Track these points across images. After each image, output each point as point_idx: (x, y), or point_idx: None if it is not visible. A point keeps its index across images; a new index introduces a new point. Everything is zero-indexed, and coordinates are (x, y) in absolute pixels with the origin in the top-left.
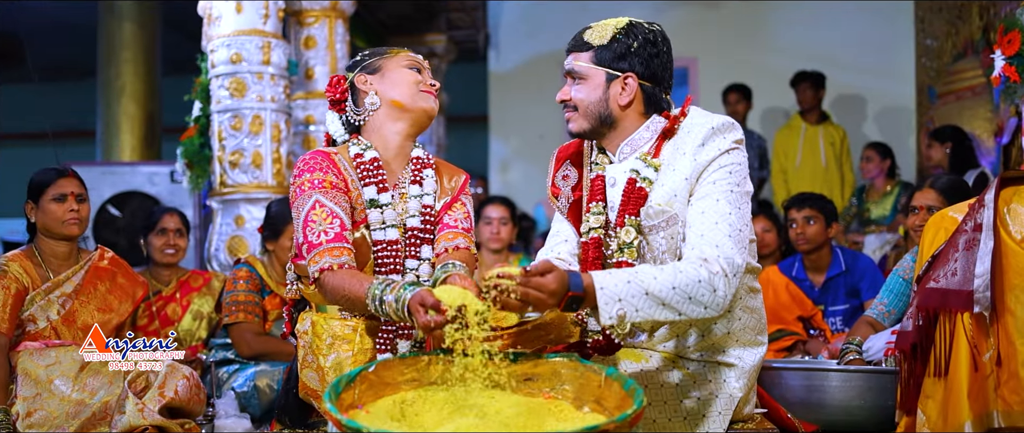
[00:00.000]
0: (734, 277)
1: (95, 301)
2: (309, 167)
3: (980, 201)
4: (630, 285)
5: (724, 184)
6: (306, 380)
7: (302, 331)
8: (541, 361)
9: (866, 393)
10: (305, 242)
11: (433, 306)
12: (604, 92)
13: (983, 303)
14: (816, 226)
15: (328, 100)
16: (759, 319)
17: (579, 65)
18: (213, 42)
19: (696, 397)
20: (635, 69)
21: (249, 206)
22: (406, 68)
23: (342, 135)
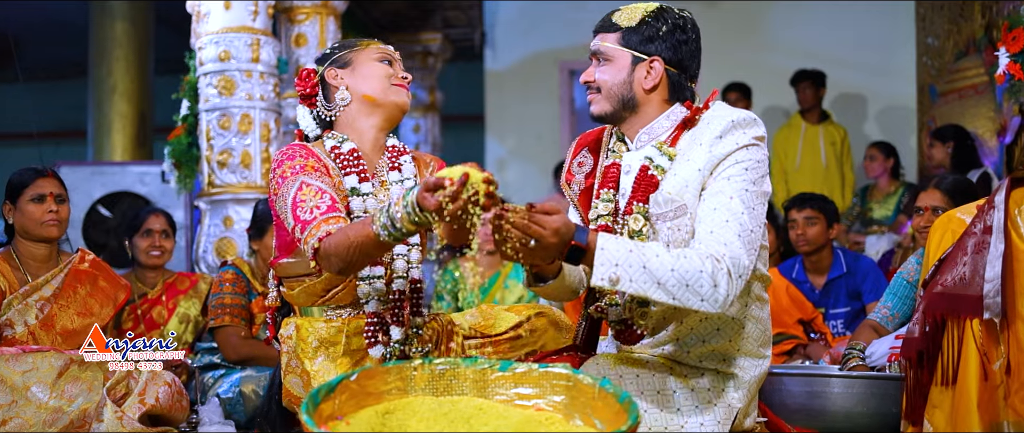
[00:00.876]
0: (739, 278)
1: (75, 305)
2: (288, 156)
3: (990, 202)
4: (631, 254)
5: (739, 181)
6: (290, 386)
7: (286, 336)
8: (532, 370)
9: (869, 400)
10: (297, 223)
11: (436, 184)
12: (629, 75)
13: (993, 309)
14: (817, 227)
15: (298, 94)
16: (764, 331)
17: (605, 46)
18: (201, 39)
19: (694, 406)
20: (662, 53)
21: (238, 207)
22: (377, 61)
23: (314, 130)
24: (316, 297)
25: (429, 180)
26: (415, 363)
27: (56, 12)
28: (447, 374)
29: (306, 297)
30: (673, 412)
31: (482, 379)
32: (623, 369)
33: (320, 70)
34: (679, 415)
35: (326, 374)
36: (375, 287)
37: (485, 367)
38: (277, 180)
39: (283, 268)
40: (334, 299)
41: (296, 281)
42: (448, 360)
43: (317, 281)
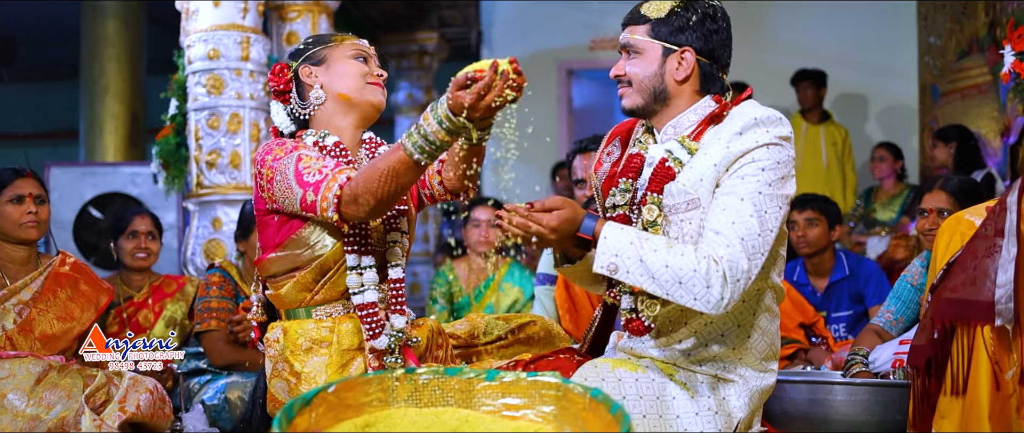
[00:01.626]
0: (735, 282)
1: (55, 309)
2: (274, 145)
3: (1001, 204)
4: (632, 246)
5: (753, 181)
6: (275, 391)
7: (273, 339)
8: (520, 379)
9: (874, 408)
10: (308, 187)
11: (466, 81)
12: (660, 66)
13: (1006, 315)
14: (819, 229)
15: (272, 90)
16: (770, 345)
17: (635, 38)
18: (190, 37)
19: (694, 413)
20: (693, 44)
21: (227, 208)
22: (351, 58)
23: (288, 126)
24: (307, 292)
25: (458, 78)
26: (397, 373)
27: (49, 12)
28: (431, 384)
29: (296, 292)
30: (672, 418)
31: (468, 389)
32: (622, 372)
33: (294, 66)
34: (678, 421)
35: (318, 375)
36: (367, 277)
37: (471, 377)
38: (270, 165)
39: (271, 264)
40: (324, 294)
41: (285, 278)
42: (432, 369)
43: (307, 272)
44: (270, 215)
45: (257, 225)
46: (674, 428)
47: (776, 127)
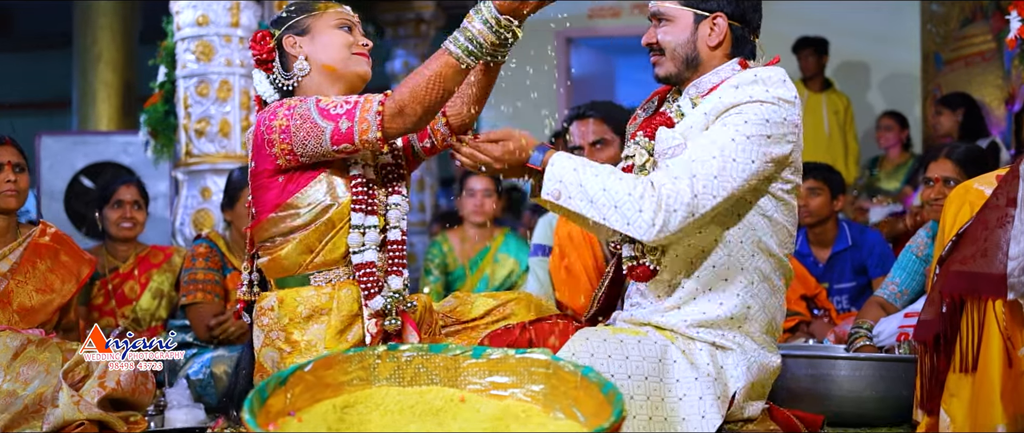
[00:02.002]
0: (671, 211)
1: (34, 281)
2: (281, 103)
3: (1013, 172)
4: (574, 172)
5: (730, 129)
6: (263, 361)
7: (267, 307)
8: (508, 356)
9: (878, 383)
10: (335, 120)
11: None
12: (693, 33)
13: (1018, 289)
14: (821, 198)
15: (253, 58)
16: (770, 320)
17: (666, 6)
18: (178, 3)
19: (693, 378)
20: (724, 8)
21: (216, 177)
22: (336, 28)
23: (272, 96)
24: (308, 254)
25: None
26: (379, 350)
27: None
28: (414, 362)
29: (297, 255)
30: (672, 382)
31: (453, 367)
32: (624, 336)
33: (277, 33)
34: (678, 385)
35: (318, 344)
36: (369, 237)
37: (457, 354)
38: (283, 116)
39: (270, 224)
40: (324, 256)
41: (285, 239)
42: (416, 346)
43: (311, 231)
44: (274, 177)
45: (253, 190)
46: (673, 391)
47: (777, 87)
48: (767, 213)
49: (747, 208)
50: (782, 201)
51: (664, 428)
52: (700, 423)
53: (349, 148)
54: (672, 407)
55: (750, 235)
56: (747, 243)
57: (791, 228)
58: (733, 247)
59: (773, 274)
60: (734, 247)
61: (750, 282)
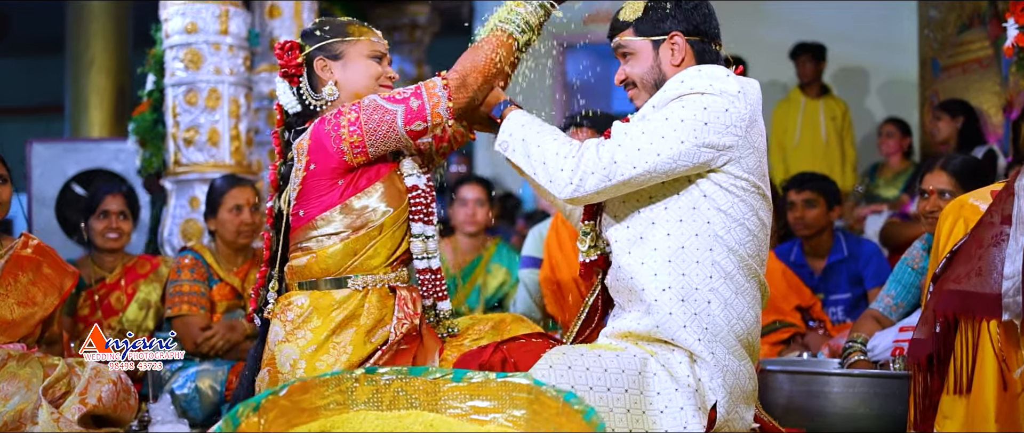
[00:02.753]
0: (588, 173)
1: (15, 294)
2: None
3: (1008, 189)
4: (522, 128)
5: (668, 111)
6: (278, 356)
7: (297, 304)
8: (489, 380)
9: (873, 400)
10: (403, 103)
11: None
12: (655, 59)
13: (1013, 309)
14: (817, 210)
15: (280, 70)
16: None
17: (625, 41)
18: (167, 10)
19: (672, 389)
20: (677, 27)
21: (205, 187)
22: (368, 58)
23: (295, 107)
24: (352, 256)
25: None
26: (356, 374)
27: None
28: (393, 385)
29: (342, 256)
30: (652, 395)
31: (433, 391)
32: (602, 351)
33: (307, 50)
34: (658, 398)
35: (347, 345)
36: (431, 245)
37: (437, 377)
38: (348, 113)
39: (322, 222)
40: (363, 261)
41: (330, 241)
42: (395, 369)
43: (360, 236)
44: (334, 179)
45: (305, 192)
46: (655, 404)
47: (720, 81)
48: (721, 208)
49: (701, 200)
50: (738, 198)
51: None
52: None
53: (421, 126)
54: (653, 420)
55: (706, 228)
56: (704, 236)
57: (753, 229)
58: (688, 239)
59: (737, 273)
60: (689, 239)
61: (708, 275)
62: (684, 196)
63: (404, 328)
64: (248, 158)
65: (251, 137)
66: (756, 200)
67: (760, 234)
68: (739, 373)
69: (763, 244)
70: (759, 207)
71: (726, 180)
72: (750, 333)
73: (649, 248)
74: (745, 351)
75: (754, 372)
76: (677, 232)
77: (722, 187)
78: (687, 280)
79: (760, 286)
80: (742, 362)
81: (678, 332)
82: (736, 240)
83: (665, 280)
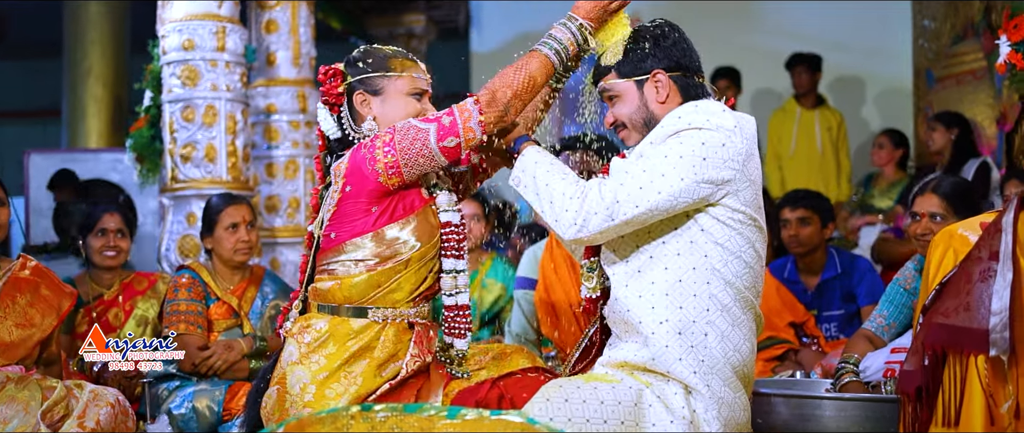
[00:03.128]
0: (591, 213)
1: (13, 316)
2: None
3: (996, 225)
4: (535, 165)
5: (667, 149)
6: (289, 377)
7: (316, 327)
8: (483, 418)
9: (864, 423)
10: (435, 121)
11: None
12: (640, 99)
13: (1001, 345)
14: (811, 228)
15: (321, 96)
16: (735, 350)
17: (610, 83)
18: (165, 27)
19: (668, 421)
20: (658, 65)
21: (202, 203)
22: (409, 95)
23: (336, 133)
24: (375, 288)
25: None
26: (352, 411)
27: None
28: (389, 422)
29: (366, 286)
30: (648, 426)
31: (428, 428)
32: (598, 383)
33: (349, 80)
34: (655, 429)
35: (358, 377)
36: (460, 281)
37: (431, 414)
38: (384, 136)
39: (351, 248)
40: (384, 294)
41: (355, 268)
42: (390, 406)
43: (386, 269)
44: (368, 205)
45: (339, 214)
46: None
47: (717, 116)
48: (719, 241)
49: (698, 235)
50: (735, 231)
51: None
52: None
53: (453, 142)
54: None
55: (703, 262)
56: (701, 270)
57: (750, 262)
58: (685, 273)
59: (734, 305)
60: (686, 273)
61: (705, 308)
62: (682, 231)
63: (416, 365)
64: (245, 174)
65: (248, 153)
66: (752, 233)
67: (756, 266)
68: (734, 405)
69: (759, 275)
70: (755, 239)
71: (723, 214)
72: (746, 364)
73: (647, 282)
74: (740, 383)
75: (747, 402)
76: (674, 266)
77: (719, 221)
78: (684, 313)
79: (756, 317)
80: (737, 394)
81: (674, 365)
82: (733, 273)
83: (662, 313)
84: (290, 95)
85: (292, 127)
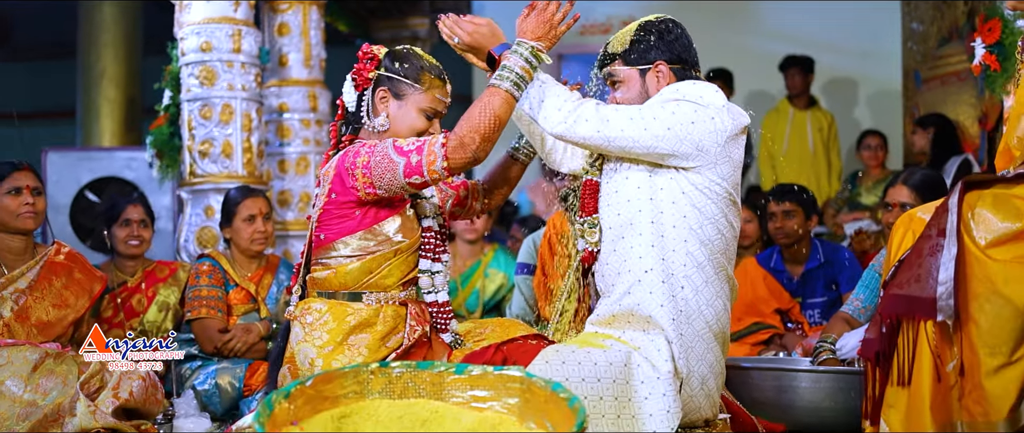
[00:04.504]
0: (585, 120)
1: (50, 297)
2: (361, 144)
3: (944, 205)
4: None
5: (660, 106)
6: (298, 354)
7: (315, 309)
8: (487, 373)
9: (836, 394)
10: (407, 155)
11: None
12: (643, 86)
13: (946, 311)
14: (795, 220)
15: (355, 72)
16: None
17: (615, 69)
18: (183, 30)
19: (654, 378)
20: (661, 57)
21: (219, 196)
22: (423, 113)
23: (352, 105)
24: (368, 274)
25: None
26: (371, 367)
27: None
28: (404, 377)
29: (359, 273)
30: (637, 384)
31: (438, 382)
32: (590, 348)
33: (380, 71)
34: (643, 386)
35: (363, 347)
36: (438, 280)
37: (441, 370)
38: (365, 153)
39: (341, 245)
40: (377, 280)
41: (348, 260)
42: (405, 363)
43: (375, 257)
44: (353, 208)
45: (327, 216)
46: (639, 392)
47: (710, 95)
48: (696, 205)
49: (680, 197)
50: (711, 200)
51: (632, 425)
52: (665, 417)
53: (419, 180)
54: (639, 405)
55: (682, 222)
56: (680, 228)
57: (722, 229)
58: (667, 229)
59: (707, 264)
60: (668, 230)
61: (683, 263)
62: (666, 191)
63: (416, 334)
64: (259, 169)
65: (262, 149)
66: (726, 205)
67: (728, 234)
68: (704, 357)
69: (730, 243)
70: (728, 211)
71: (702, 182)
72: (718, 320)
73: (636, 233)
74: (714, 338)
75: (720, 359)
76: (659, 220)
77: (698, 188)
78: (666, 265)
79: (728, 279)
80: (709, 346)
81: (656, 310)
82: (707, 236)
83: (648, 262)
84: (301, 95)
85: (303, 125)
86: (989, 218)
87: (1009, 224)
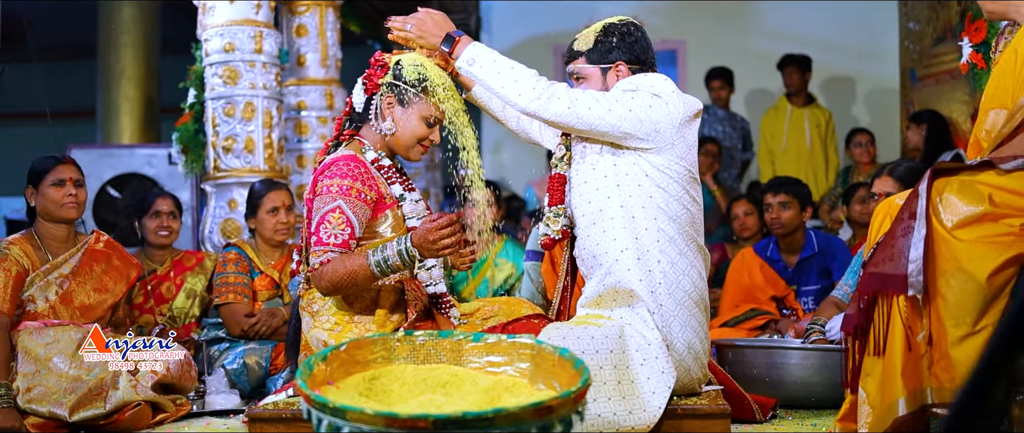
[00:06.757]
0: (557, 99)
1: (91, 282)
2: (340, 173)
3: (915, 191)
4: (491, 52)
5: (620, 93)
6: (310, 340)
7: (318, 298)
8: (501, 341)
9: (823, 370)
10: (314, 236)
11: (442, 223)
12: (603, 84)
13: (916, 286)
14: (791, 211)
15: (366, 75)
16: (684, 275)
17: (578, 67)
18: (207, 32)
19: (645, 345)
20: (622, 57)
21: (242, 190)
22: (424, 121)
23: (360, 105)
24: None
25: (423, 231)
26: (398, 335)
27: None
28: (427, 344)
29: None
30: (632, 352)
31: (458, 349)
32: (588, 325)
33: (388, 79)
34: (637, 354)
35: (368, 322)
36: (434, 274)
37: (460, 338)
38: (323, 189)
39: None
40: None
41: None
42: (427, 332)
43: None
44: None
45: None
46: (635, 359)
47: (664, 85)
48: (660, 185)
49: (644, 179)
50: (673, 179)
51: (632, 389)
52: (660, 377)
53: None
54: (636, 370)
55: (649, 201)
56: (649, 208)
57: (686, 205)
58: (637, 210)
59: (678, 237)
60: (638, 210)
61: (656, 240)
62: (631, 176)
63: (419, 306)
64: (280, 164)
65: (282, 145)
66: (688, 182)
67: (693, 208)
68: (688, 324)
69: (697, 216)
70: (690, 188)
71: (662, 163)
72: (696, 287)
73: (607, 217)
74: (696, 305)
75: (704, 324)
76: (628, 204)
77: (659, 169)
78: (640, 243)
79: (700, 250)
80: (692, 312)
81: (636, 285)
82: (674, 212)
83: (622, 243)
84: (318, 93)
85: (320, 122)
86: (955, 202)
87: (973, 208)
